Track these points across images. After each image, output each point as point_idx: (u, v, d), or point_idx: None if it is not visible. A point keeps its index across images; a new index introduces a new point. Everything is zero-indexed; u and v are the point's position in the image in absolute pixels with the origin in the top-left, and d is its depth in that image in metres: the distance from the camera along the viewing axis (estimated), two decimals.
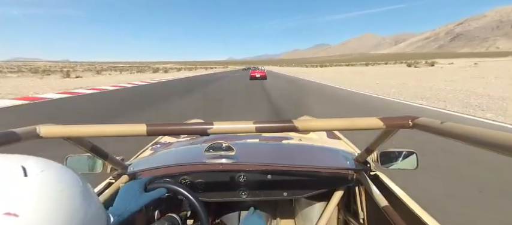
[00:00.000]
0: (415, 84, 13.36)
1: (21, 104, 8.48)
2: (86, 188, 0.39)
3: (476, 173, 2.92)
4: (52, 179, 0.33)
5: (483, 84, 12.22)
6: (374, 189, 0.91)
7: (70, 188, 0.35)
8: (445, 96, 8.94)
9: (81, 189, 0.37)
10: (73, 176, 0.37)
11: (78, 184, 0.37)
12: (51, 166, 0.36)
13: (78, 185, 0.37)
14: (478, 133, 0.40)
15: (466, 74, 19.02)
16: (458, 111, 6.51)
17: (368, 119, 0.60)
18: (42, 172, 0.33)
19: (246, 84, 16.97)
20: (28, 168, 0.32)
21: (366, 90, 11.66)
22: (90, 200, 0.39)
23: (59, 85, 14.72)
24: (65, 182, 0.35)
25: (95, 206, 0.41)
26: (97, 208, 0.42)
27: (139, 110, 7.60)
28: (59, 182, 0.34)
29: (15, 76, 22.99)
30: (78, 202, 0.35)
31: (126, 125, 0.60)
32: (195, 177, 1.04)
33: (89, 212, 0.37)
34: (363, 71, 35.19)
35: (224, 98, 10.65)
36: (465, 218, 2.09)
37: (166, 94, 11.72)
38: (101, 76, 26.07)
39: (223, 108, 8.04)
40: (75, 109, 7.98)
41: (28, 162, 0.33)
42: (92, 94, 11.49)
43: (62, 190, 0.33)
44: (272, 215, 1.31)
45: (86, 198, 0.38)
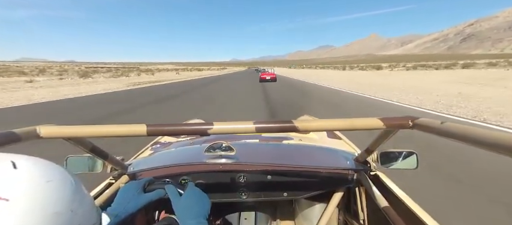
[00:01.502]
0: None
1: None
2: (76, 184, 0.39)
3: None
4: (40, 171, 0.35)
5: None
6: (374, 190, 0.91)
7: (59, 180, 0.36)
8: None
9: (71, 183, 0.38)
10: (62, 172, 0.38)
11: (67, 178, 0.38)
12: (40, 161, 0.37)
13: (67, 179, 0.37)
14: (478, 133, 0.40)
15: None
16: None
17: (368, 119, 0.60)
18: (31, 165, 0.35)
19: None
20: (17, 162, 0.34)
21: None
22: (81, 195, 0.39)
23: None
24: (53, 175, 0.36)
25: (86, 202, 0.41)
26: (88, 204, 0.42)
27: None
28: (47, 174, 0.35)
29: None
30: (67, 194, 0.36)
31: (126, 125, 0.60)
32: (195, 177, 1.03)
33: (78, 206, 0.38)
34: (387, 75, 28.38)
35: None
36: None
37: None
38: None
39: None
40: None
41: (17, 157, 0.35)
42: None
43: (51, 181, 0.35)
44: (272, 215, 1.31)
45: (76, 193, 0.38)
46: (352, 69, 66.31)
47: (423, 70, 38.12)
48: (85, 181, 0.44)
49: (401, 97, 9.83)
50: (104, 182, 1.00)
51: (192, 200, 0.68)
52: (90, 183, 0.86)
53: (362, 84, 17.46)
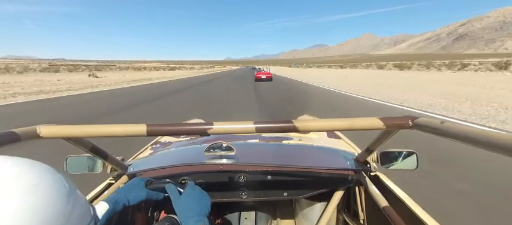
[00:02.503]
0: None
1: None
2: (67, 185, 0.37)
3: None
4: (27, 174, 0.32)
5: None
6: (374, 190, 0.91)
7: (48, 183, 0.33)
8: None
9: (62, 185, 0.35)
10: (52, 173, 0.36)
11: (57, 180, 0.35)
12: (24, 162, 0.34)
13: (57, 182, 0.35)
14: (479, 133, 0.40)
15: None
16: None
17: (368, 119, 0.60)
18: (16, 167, 0.32)
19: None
20: (0, 165, 0.31)
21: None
22: (73, 197, 0.37)
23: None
24: (42, 178, 0.33)
25: (79, 204, 0.39)
26: (81, 206, 0.39)
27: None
28: (35, 177, 0.32)
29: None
30: (57, 198, 0.33)
31: (126, 125, 0.60)
32: (195, 177, 1.03)
33: (71, 209, 0.35)
34: (409, 75, 22.84)
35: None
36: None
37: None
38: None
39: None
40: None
41: (1, 159, 0.32)
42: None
43: (38, 184, 0.32)
44: (272, 215, 1.31)
45: (68, 195, 0.36)
46: (352, 67, 60.29)
47: (435, 70, 30.70)
48: (85, 181, 0.39)
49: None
50: (104, 183, 1.00)
51: (192, 198, 0.68)
52: (90, 183, 0.91)
53: (408, 90, 11.56)
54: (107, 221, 0.60)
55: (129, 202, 0.67)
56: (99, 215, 0.58)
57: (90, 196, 0.88)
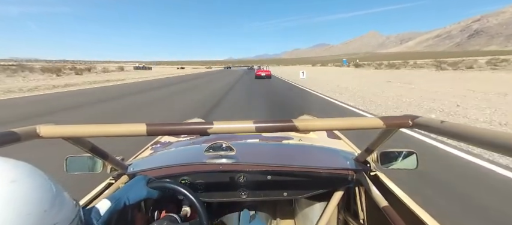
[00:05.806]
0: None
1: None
2: (48, 181, 0.37)
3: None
4: (4, 171, 0.33)
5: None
6: (374, 190, 0.90)
7: (26, 179, 0.34)
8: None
9: (41, 181, 0.36)
10: (30, 170, 0.36)
11: (36, 176, 0.36)
12: (5, 161, 0.35)
13: (36, 178, 0.35)
14: (478, 132, 0.40)
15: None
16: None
17: (368, 119, 0.60)
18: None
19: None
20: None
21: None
22: (54, 193, 0.37)
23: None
24: (19, 174, 0.34)
25: (60, 200, 0.38)
26: (63, 201, 0.39)
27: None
28: (12, 173, 0.33)
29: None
30: (36, 194, 0.34)
31: (126, 125, 0.60)
32: (195, 177, 1.03)
33: (52, 204, 0.36)
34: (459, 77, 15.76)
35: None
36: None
37: None
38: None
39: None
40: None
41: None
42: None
43: (16, 181, 0.32)
44: (272, 215, 1.31)
45: (48, 191, 0.36)
46: (366, 67, 42.90)
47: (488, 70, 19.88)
48: (85, 181, 0.39)
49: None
50: (104, 182, 1.00)
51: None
52: (90, 183, 0.92)
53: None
54: (109, 218, 0.61)
55: (129, 201, 0.68)
56: (101, 212, 0.60)
57: (90, 196, 0.88)
